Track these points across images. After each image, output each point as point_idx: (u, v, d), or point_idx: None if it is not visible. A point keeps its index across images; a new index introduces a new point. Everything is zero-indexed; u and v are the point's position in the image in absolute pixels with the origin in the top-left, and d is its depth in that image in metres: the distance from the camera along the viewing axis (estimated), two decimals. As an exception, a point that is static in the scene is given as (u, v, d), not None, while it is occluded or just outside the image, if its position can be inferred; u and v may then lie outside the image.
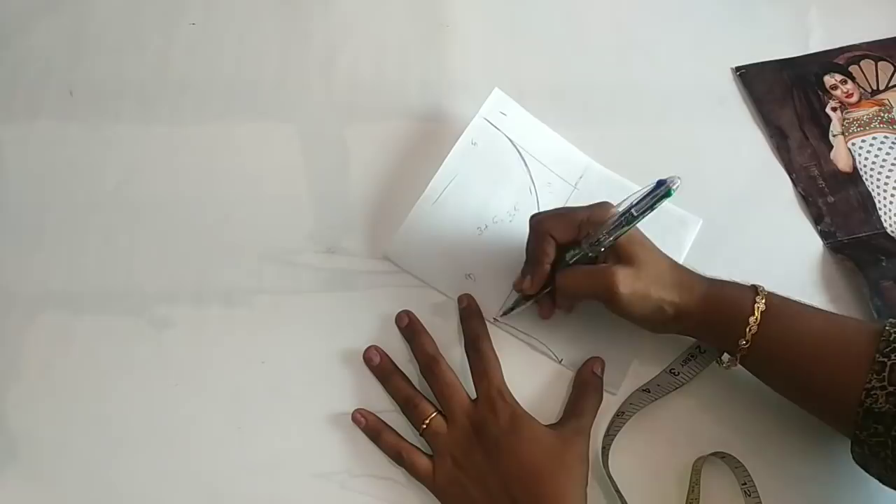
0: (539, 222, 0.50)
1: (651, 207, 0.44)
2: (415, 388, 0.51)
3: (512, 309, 0.53)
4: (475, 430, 0.49)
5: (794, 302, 0.47)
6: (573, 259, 0.49)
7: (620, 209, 0.47)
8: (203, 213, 0.57)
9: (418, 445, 0.50)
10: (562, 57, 0.64)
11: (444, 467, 0.48)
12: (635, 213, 0.45)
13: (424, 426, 0.49)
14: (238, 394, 0.52)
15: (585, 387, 0.51)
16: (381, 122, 0.61)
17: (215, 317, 0.54)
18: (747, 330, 0.45)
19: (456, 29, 0.65)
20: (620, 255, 0.47)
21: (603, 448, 0.50)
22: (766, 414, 0.51)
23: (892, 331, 0.43)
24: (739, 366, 0.48)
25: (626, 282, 0.46)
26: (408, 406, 0.51)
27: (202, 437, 0.51)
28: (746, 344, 0.46)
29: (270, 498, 0.49)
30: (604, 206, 0.48)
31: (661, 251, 0.49)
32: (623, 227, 0.46)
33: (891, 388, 0.41)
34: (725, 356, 0.49)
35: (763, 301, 0.46)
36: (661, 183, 0.44)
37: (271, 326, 0.54)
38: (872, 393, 0.42)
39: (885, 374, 0.42)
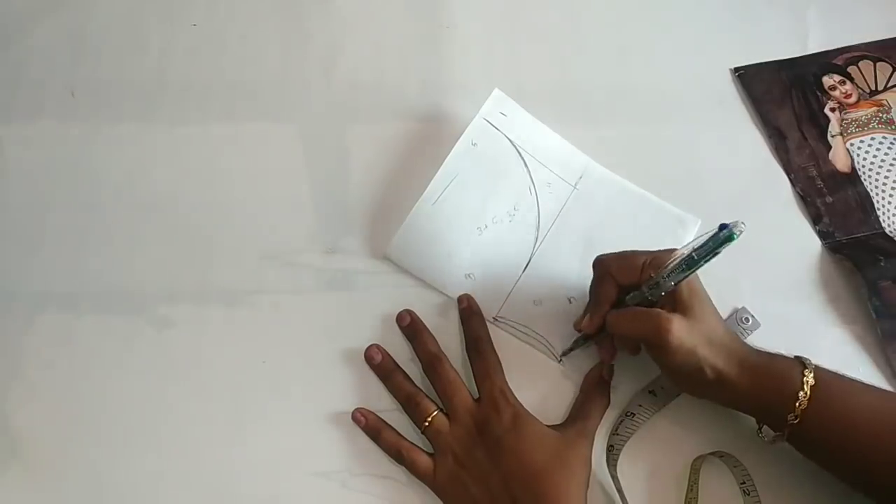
0: (601, 263, 0.49)
1: (713, 252, 0.43)
2: (416, 386, 0.51)
3: (571, 349, 0.52)
4: (478, 429, 0.49)
5: (843, 377, 0.46)
6: (632, 301, 0.48)
7: (683, 253, 0.45)
8: (203, 213, 0.57)
9: (419, 444, 0.50)
10: (561, 57, 0.64)
11: (446, 465, 0.48)
12: (696, 257, 0.44)
13: (427, 424, 0.49)
14: (238, 394, 0.52)
15: (592, 390, 0.51)
16: (381, 122, 0.61)
17: (216, 317, 0.54)
18: (797, 405, 0.44)
19: (456, 29, 0.65)
20: (678, 304, 0.46)
21: (609, 447, 0.50)
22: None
23: None
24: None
25: (679, 331, 0.44)
26: (409, 404, 0.51)
27: (202, 437, 0.51)
28: (796, 419, 0.44)
29: (271, 497, 0.49)
30: (668, 251, 0.47)
31: (717, 311, 0.47)
32: (683, 271, 0.44)
33: None
34: (767, 430, 0.47)
35: (811, 375, 0.44)
36: (723, 227, 0.42)
37: (272, 326, 0.54)
38: None
39: None
